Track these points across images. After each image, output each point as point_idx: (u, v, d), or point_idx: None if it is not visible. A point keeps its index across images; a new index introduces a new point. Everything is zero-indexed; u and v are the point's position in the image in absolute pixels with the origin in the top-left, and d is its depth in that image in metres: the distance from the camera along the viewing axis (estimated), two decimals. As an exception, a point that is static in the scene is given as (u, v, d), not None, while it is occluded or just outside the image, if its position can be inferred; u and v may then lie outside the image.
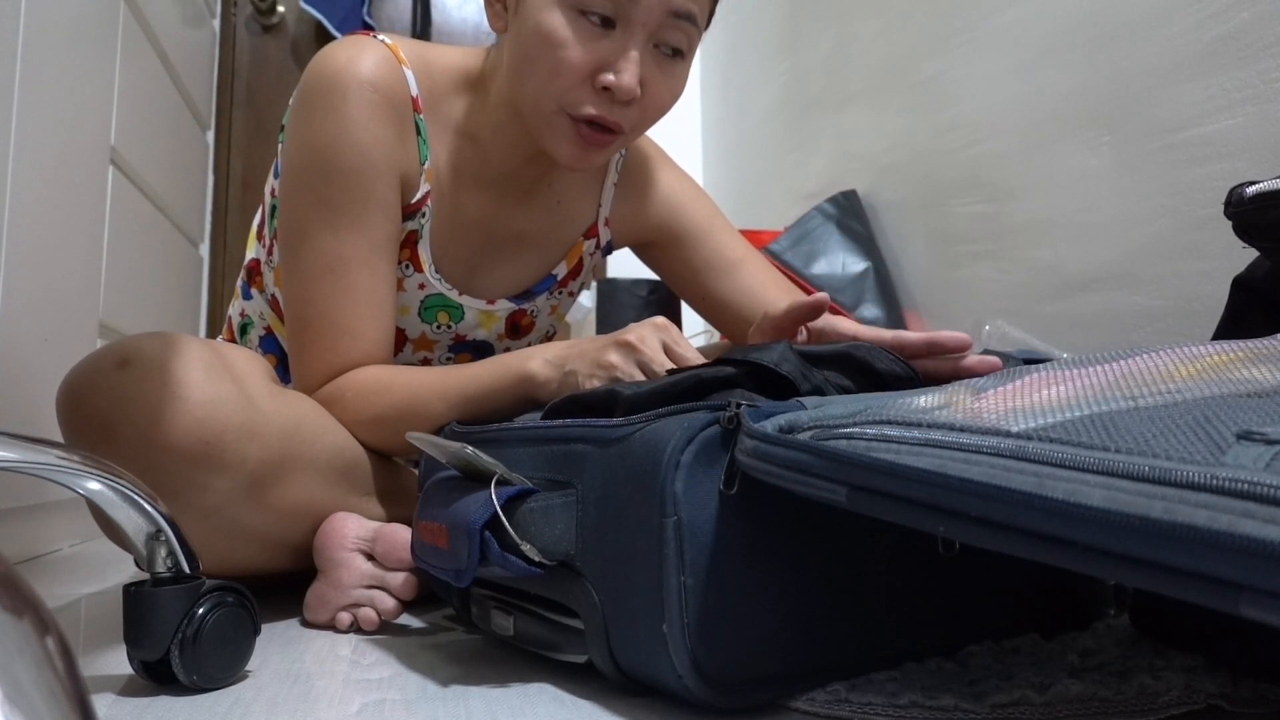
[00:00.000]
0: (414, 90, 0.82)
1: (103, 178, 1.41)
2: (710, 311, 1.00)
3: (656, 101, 0.78)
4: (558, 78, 0.75)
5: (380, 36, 0.82)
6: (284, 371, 0.92)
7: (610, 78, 0.74)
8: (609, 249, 1.00)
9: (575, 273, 0.97)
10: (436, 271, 0.87)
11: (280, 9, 2.35)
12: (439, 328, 0.90)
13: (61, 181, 1.20)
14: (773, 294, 0.97)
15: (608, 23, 0.74)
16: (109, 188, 1.42)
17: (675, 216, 0.98)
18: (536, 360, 0.72)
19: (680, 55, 0.78)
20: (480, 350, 0.94)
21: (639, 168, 0.98)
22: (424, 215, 0.85)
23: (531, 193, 0.91)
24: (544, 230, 0.93)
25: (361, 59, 0.79)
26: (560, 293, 0.97)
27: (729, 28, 2.32)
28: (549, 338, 1.02)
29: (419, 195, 0.84)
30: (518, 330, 0.95)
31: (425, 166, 0.83)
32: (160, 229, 1.77)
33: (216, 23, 2.30)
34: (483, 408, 0.74)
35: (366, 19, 2.34)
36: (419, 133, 0.83)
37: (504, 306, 0.92)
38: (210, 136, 2.27)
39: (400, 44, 0.83)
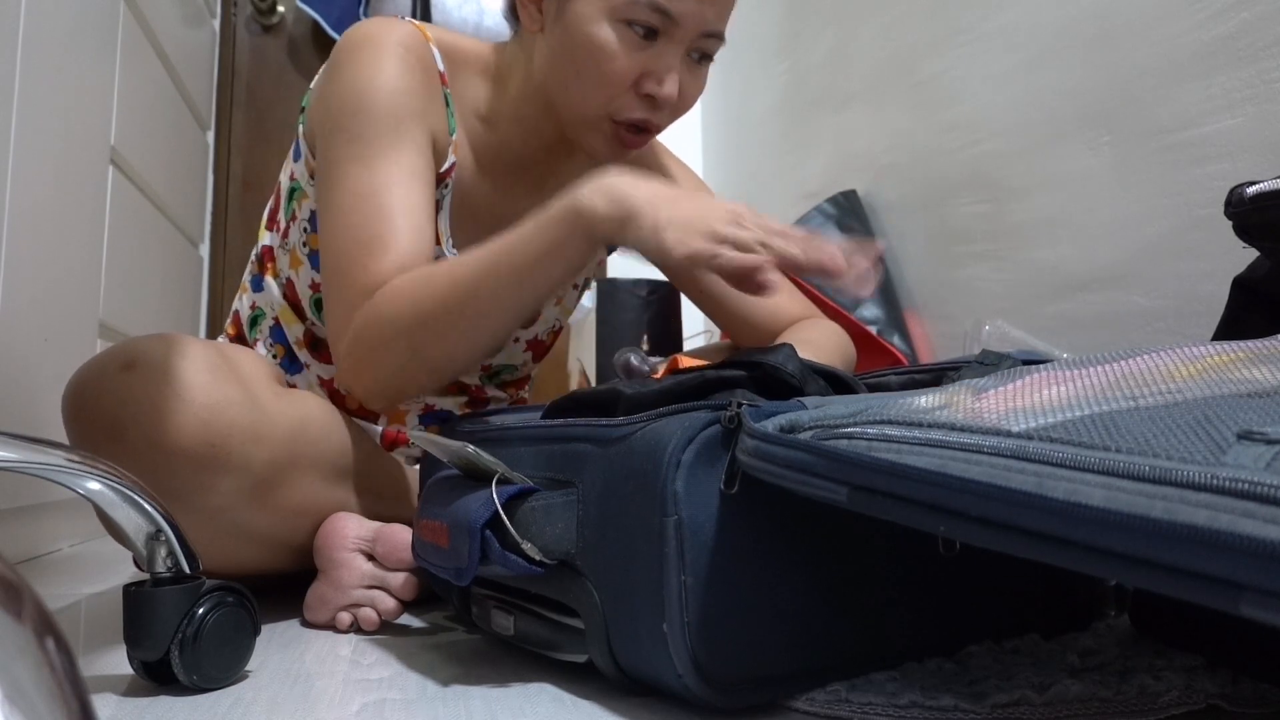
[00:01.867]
0: (440, 66, 0.84)
1: (103, 178, 1.41)
2: (710, 307, 1.00)
3: (686, 103, 0.83)
4: (606, 86, 0.78)
5: (407, 19, 0.85)
6: (290, 362, 0.92)
7: (655, 86, 0.78)
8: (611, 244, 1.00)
9: None
10: (453, 247, 0.87)
11: (280, 9, 2.35)
12: None
13: (61, 181, 1.20)
14: (763, 303, 0.97)
15: (651, 34, 0.77)
16: (109, 188, 1.42)
17: None
18: (584, 192, 0.66)
19: (708, 59, 0.83)
20: None
21: (642, 162, 0.98)
22: (447, 187, 0.85)
23: (540, 184, 0.92)
24: None
25: (393, 28, 0.82)
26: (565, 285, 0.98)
27: (729, 28, 2.32)
28: (555, 332, 1.02)
29: (446, 165, 0.85)
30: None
31: (453, 139, 0.85)
32: (160, 229, 1.77)
33: (216, 23, 2.30)
34: (541, 272, 0.68)
35: (363, 18, 2.34)
36: (447, 105, 0.85)
37: None
38: (210, 136, 2.27)
39: (425, 26, 0.85)
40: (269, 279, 0.92)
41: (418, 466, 0.83)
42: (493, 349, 0.73)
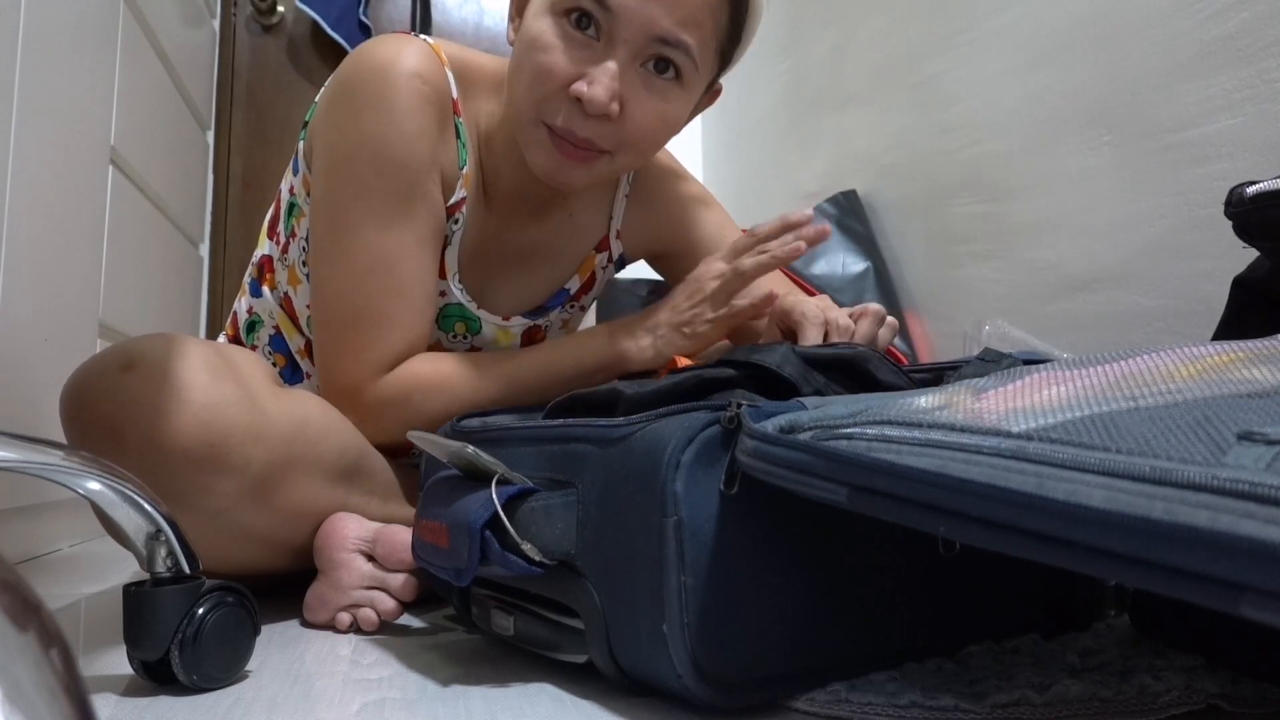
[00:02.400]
0: (454, 93, 0.81)
1: (103, 178, 1.40)
2: None
3: (639, 123, 0.74)
4: (538, 83, 0.73)
5: (422, 36, 0.82)
6: (291, 373, 0.92)
7: (582, 87, 0.71)
8: (621, 262, 0.99)
9: (587, 287, 0.96)
10: (460, 281, 0.86)
11: (280, 9, 2.35)
12: (455, 337, 0.89)
13: (61, 181, 1.20)
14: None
15: (592, 30, 0.71)
16: (109, 188, 1.42)
17: (687, 228, 0.97)
18: (624, 339, 0.79)
19: (676, 80, 0.74)
20: None
21: (651, 180, 0.96)
22: (457, 221, 0.84)
23: (546, 206, 0.90)
24: (556, 244, 0.92)
25: (407, 53, 0.78)
26: (573, 307, 0.97)
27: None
28: None
29: (455, 199, 0.83)
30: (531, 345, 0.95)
31: (464, 171, 0.83)
32: (160, 229, 1.77)
33: (216, 23, 2.30)
34: (563, 389, 0.73)
35: (363, 18, 2.34)
36: (458, 135, 0.82)
37: (519, 323, 0.91)
38: (210, 136, 2.27)
39: (441, 45, 0.82)
40: (266, 289, 0.92)
41: (418, 467, 0.83)
42: None
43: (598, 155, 0.76)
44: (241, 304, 0.96)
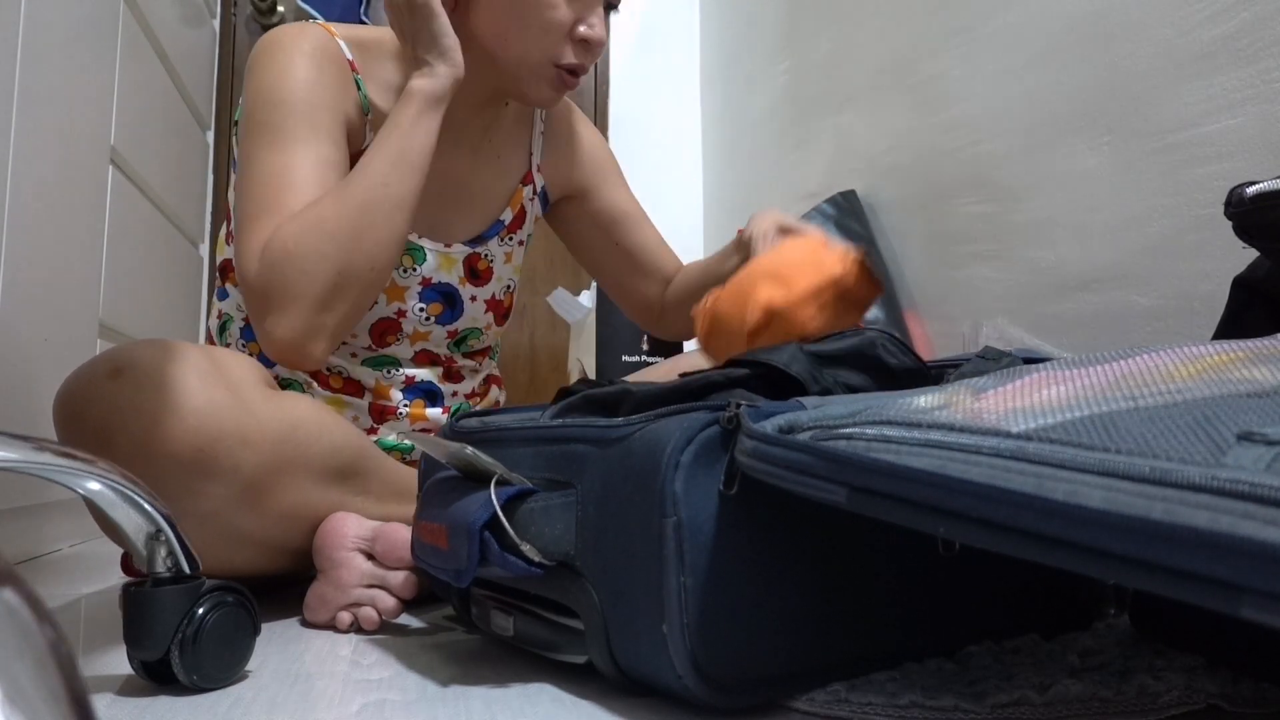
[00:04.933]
0: (349, 55, 0.89)
1: (103, 178, 1.40)
2: (615, 265, 1.10)
3: (603, 47, 0.92)
4: (548, 34, 0.86)
5: (315, 22, 0.91)
6: (266, 362, 0.92)
7: (588, 30, 0.87)
8: (545, 197, 1.07)
9: (520, 219, 1.03)
10: None
11: (280, 9, 2.35)
12: (405, 271, 0.93)
13: (61, 181, 1.20)
14: (665, 251, 1.11)
15: None
16: (109, 188, 1.42)
17: (594, 165, 1.08)
18: (419, 81, 0.83)
19: (613, 8, 0.92)
20: (447, 296, 0.97)
21: (560, 119, 1.07)
22: None
23: (475, 149, 0.98)
24: (487, 181, 1.00)
25: (300, 31, 0.88)
26: (510, 239, 1.02)
27: (729, 28, 2.32)
28: (511, 293, 1.05)
29: (367, 143, 0.88)
30: (476, 275, 0.99)
31: (369, 117, 0.90)
32: (160, 229, 1.77)
33: (216, 23, 2.30)
34: (412, 139, 0.81)
35: (364, 18, 2.34)
36: (359, 89, 0.89)
37: (460, 250, 0.97)
38: (210, 136, 2.27)
39: (331, 25, 0.92)
40: (230, 287, 0.95)
41: (416, 467, 0.83)
42: (409, 225, 0.83)
43: (580, 77, 0.91)
44: (211, 316, 0.99)
